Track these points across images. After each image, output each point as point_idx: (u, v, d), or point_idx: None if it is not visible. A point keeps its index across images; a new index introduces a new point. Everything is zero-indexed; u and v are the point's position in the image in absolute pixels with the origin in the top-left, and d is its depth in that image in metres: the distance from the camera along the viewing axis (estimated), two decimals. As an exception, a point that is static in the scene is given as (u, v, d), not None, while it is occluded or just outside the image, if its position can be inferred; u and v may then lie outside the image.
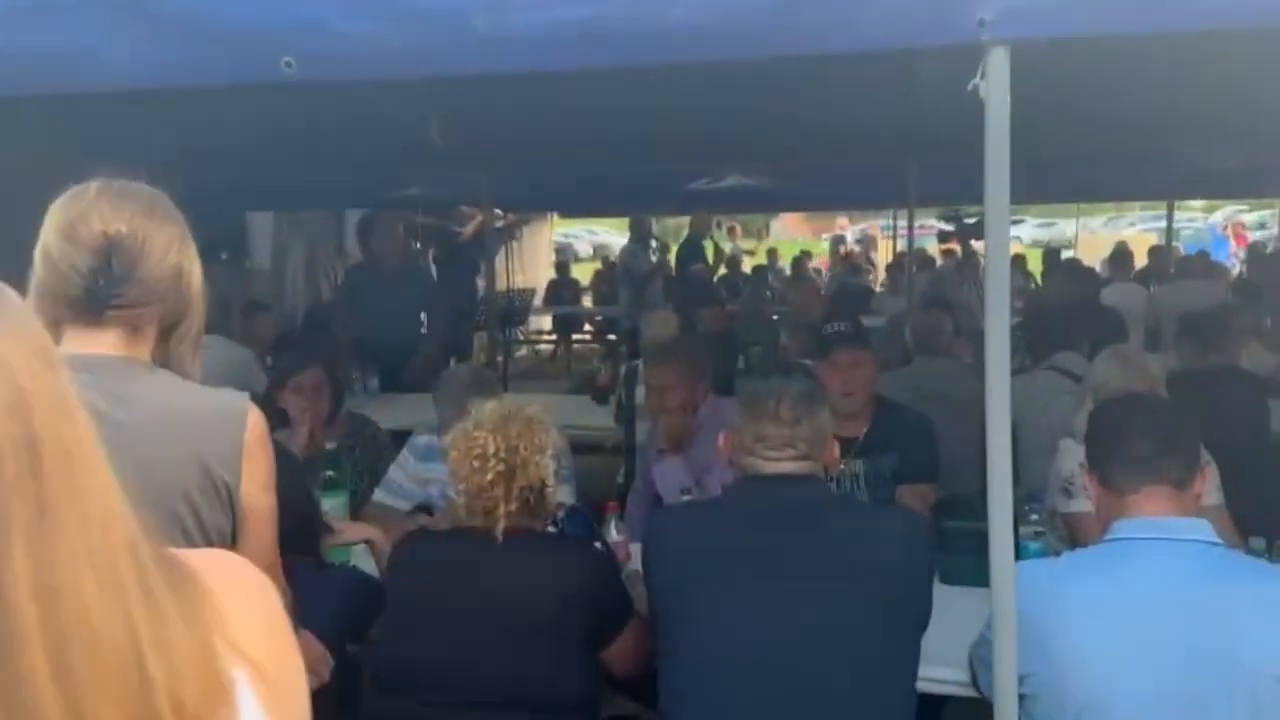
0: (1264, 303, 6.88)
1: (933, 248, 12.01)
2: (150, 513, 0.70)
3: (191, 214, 1.58)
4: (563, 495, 2.99)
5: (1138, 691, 1.80)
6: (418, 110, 4.02)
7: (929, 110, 1.84)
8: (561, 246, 20.73)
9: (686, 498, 2.98)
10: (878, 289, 11.80)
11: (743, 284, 11.71)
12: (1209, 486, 3.06)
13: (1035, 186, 9.73)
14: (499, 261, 11.41)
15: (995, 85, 1.59)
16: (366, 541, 2.65)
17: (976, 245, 8.81)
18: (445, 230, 9.35)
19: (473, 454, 2.14)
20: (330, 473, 3.00)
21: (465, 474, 2.15)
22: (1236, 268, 11.93)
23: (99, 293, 1.45)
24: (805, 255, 14.55)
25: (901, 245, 9.69)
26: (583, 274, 15.74)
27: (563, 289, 13.62)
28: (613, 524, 2.83)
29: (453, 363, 6.26)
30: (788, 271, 13.58)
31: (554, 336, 13.37)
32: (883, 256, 15.13)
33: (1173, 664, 1.79)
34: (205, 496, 1.48)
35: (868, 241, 17.90)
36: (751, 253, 15.11)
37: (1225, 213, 21.09)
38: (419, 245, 9.57)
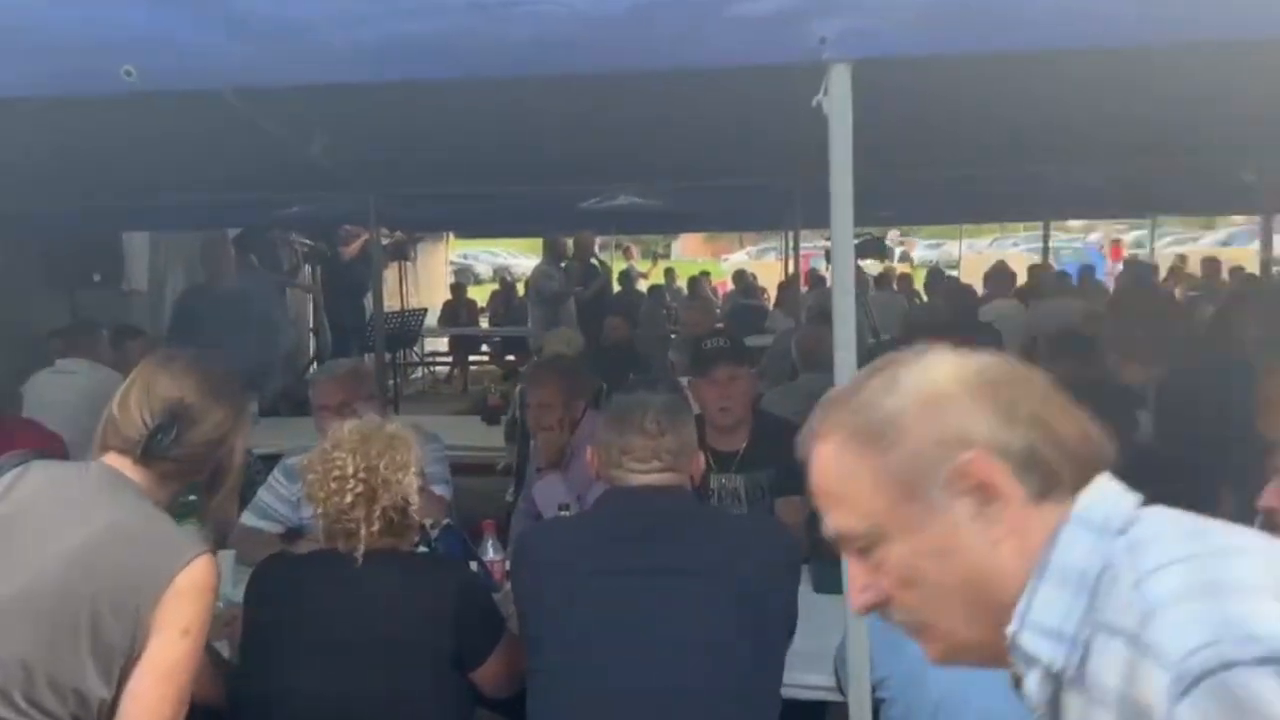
0: (1136, 318, 7.17)
1: (824, 269, 12.26)
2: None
3: (63, 235, 1.56)
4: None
5: (990, 687, 1.84)
6: (298, 126, 3.95)
7: (808, 130, 1.88)
8: (461, 268, 20.54)
9: (566, 514, 2.96)
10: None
11: (640, 303, 11.77)
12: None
13: (920, 208, 10.07)
14: (393, 282, 11.25)
15: (837, 103, 1.63)
16: None
17: (862, 265, 9.05)
18: (326, 250, 9.17)
19: (331, 475, 2.09)
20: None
21: (324, 496, 2.10)
22: (1112, 284, 12.45)
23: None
24: (703, 275, 14.69)
25: (793, 266, 9.86)
26: (481, 295, 15.61)
27: (459, 310, 13.47)
28: (489, 543, 2.80)
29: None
30: (685, 291, 13.70)
31: (450, 358, 13.21)
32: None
33: None
34: (115, 616, 1.58)
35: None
36: (645, 275, 15.16)
37: (1103, 232, 22.10)
38: (307, 265, 9.37)
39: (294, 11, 1.60)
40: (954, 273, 13.24)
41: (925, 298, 10.98)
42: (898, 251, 13.27)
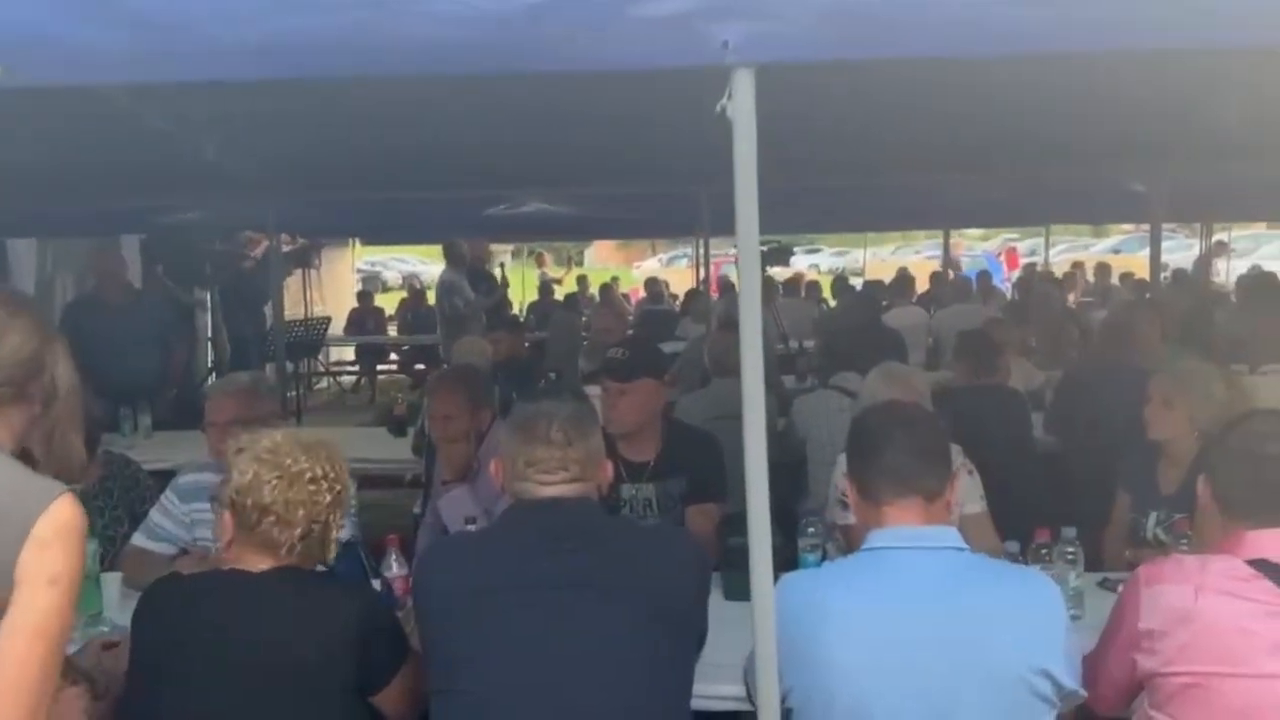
0: (1031, 323, 7.41)
1: (735, 275, 12.37)
2: None
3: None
4: (343, 532, 2.85)
5: (895, 698, 1.85)
6: (191, 127, 3.80)
7: (716, 137, 1.87)
8: (368, 275, 20.18)
9: (472, 527, 2.90)
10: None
11: (554, 311, 11.71)
12: (974, 494, 3.27)
13: (826, 216, 10.24)
14: (295, 290, 10.97)
15: (742, 107, 1.62)
16: None
17: (771, 271, 9.14)
18: (225, 257, 8.90)
19: (304, 477, 2.04)
20: None
21: (301, 499, 2.03)
22: (1009, 291, 12.84)
23: None
24: (614, 282, 14.72)
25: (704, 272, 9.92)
26: (389, 302, 15.35)
27: (366, 318, 13.22)
28: (393, 558, 2.72)
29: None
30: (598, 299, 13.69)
31: (356, 367, 12.94)
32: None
33: (928, 669, 1.85)
34: None
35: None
36: (559, 282, 15.12)
37: (999, 240, 22.82)
38: (209, 271, 9.07)
39: (179, 3, 1.51)
40: (859, 280, 13.49)
41: (832, 304, 11.17)
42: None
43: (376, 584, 2.66)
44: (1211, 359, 4.33)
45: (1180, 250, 15.01)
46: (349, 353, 13.21)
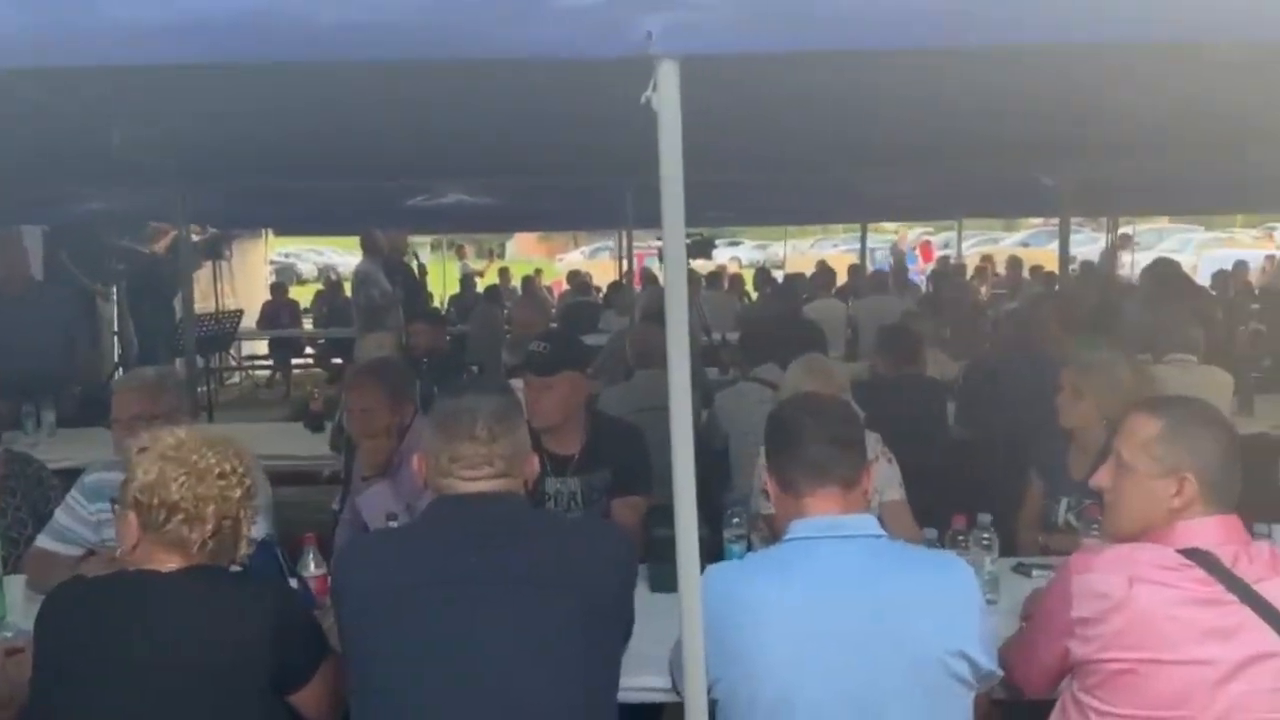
0: (945, 315, 7.59)
1: (657, 268, 12.41)
2: None
3: None
4: (257, 529, 2.78)
5: (819, 687, 1.88)
6: (96, 113, 3.65)
7: (640, 128, 1.86)
8: (282, 267, 19.73)
9: (394, 524, 2.85)
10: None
11: (475, 304, 11.59)
12: (893, 482, 3.33)
13: (748, 209, 10.34)
14: (205, 282, 10.66)
15: (666, 99, 1.61)
16: None
17: (693, 264, 9.19)
18: (131, 249, 8.59)
19: (212, 471, 1.99)
20: None
21: (212, 495, 1.98)
22: (923, 284, 13.12)
23: None
24: (536, 274, 14.63)
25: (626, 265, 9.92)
26: (304, 295, 15.01)
27: (280, 311, 12.90)
28: (310, 557, 2.66)
29: None
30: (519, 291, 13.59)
31: (270, 362, 12.64)
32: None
33: (849, 656, 1.88)
34: None
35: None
36: (481, 274, 14.96)
37: (915, 233, 23.30)
38: (114, 263, 8.75)
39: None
40: (780, 273, 13.64)
41: (754, 297, 11.28)
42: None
43: (293, 583, 2.60)
44: (1117, 349, 4.49)
45: (1087, 243, 15.49)
46: (262, 347, 12.88)
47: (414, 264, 10.32)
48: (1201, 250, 19.08)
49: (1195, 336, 5.33)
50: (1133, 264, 13.49)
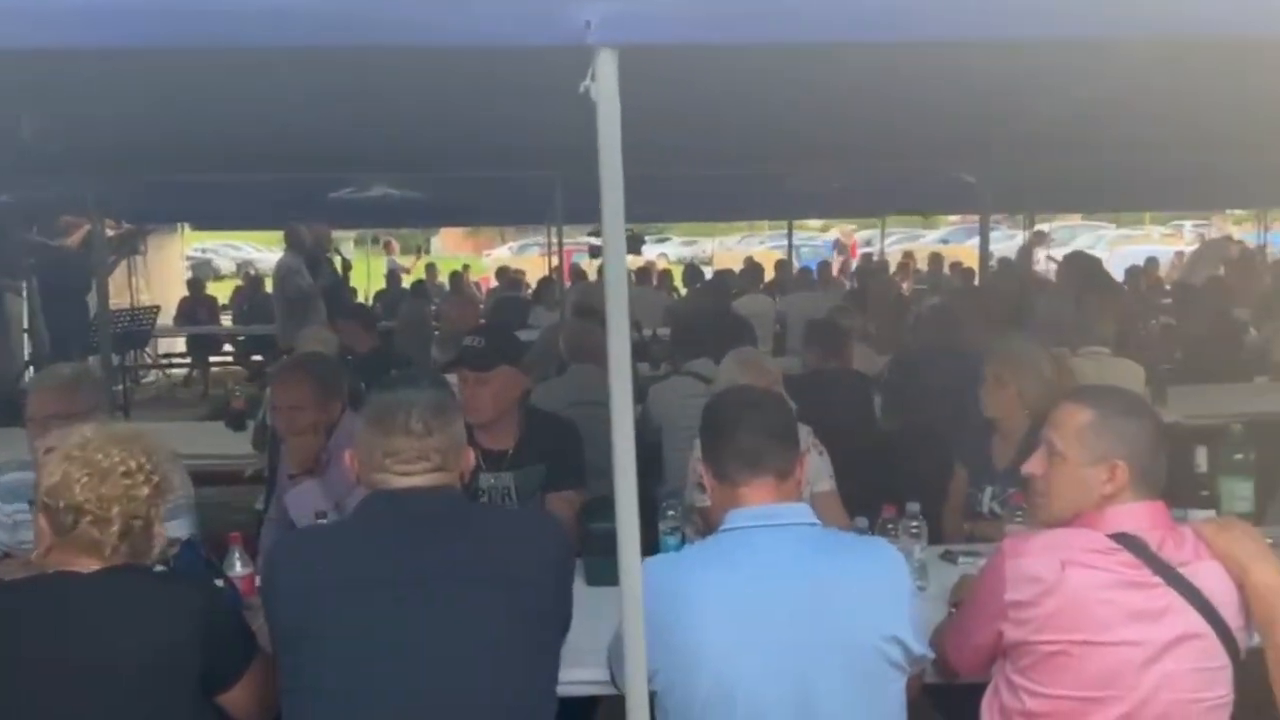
0: (870, 310, 7.72)
1: (586, 263, 12.40)
2: None
3: None
4: (180, 529, 2.71)
5: (757, 674, 1.90)
6: (1, 101, 3.50)
7: (572, 121, 1.85)
8: (199, 262, 19.25)
9: (323, 522, 2.79)
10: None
11: (402, 300, 11.43)
12: (823, 473, 3.38)
13: (677, 205, 10.38)
14: (120, 278, 10.34)
15: (605, 89, 1.61)
16: None
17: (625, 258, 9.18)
18: (42, 243, 8.28)
19: (116, 470, 1.92)
20: None
21: (116, 495, 1.91)
22: (849, 279, 13.33)
23: None
24: (465, 270, 14.48)
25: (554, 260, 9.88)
26: (222, 291, 14.64)
27: (197, 308, 12.57)
28: (236, 556, 2.60)
29: None
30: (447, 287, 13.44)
31: (188, 359, 12.31)
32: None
33: (787, 642, 1.90)
34: None
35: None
36: (408, 270, 14.75)
37: (840, 230, 23.63)
38: (27, 259, 8.42)
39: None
40: (709, 268, 13.72)
41: (683, 292, 11.32)
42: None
43: (219, 583, 2.54)
44: (1036, 342, 4.62)
45: (1003, 240, 15.89)
46: (179, 344, 12.54)
47: (337, 260, 10.13)
48: (1113, 246, 19.71)
49: (1108, 330, 5.52)
50: (1047, 260, 13.88)
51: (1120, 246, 19.63)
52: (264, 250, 22.28)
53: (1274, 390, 5.19)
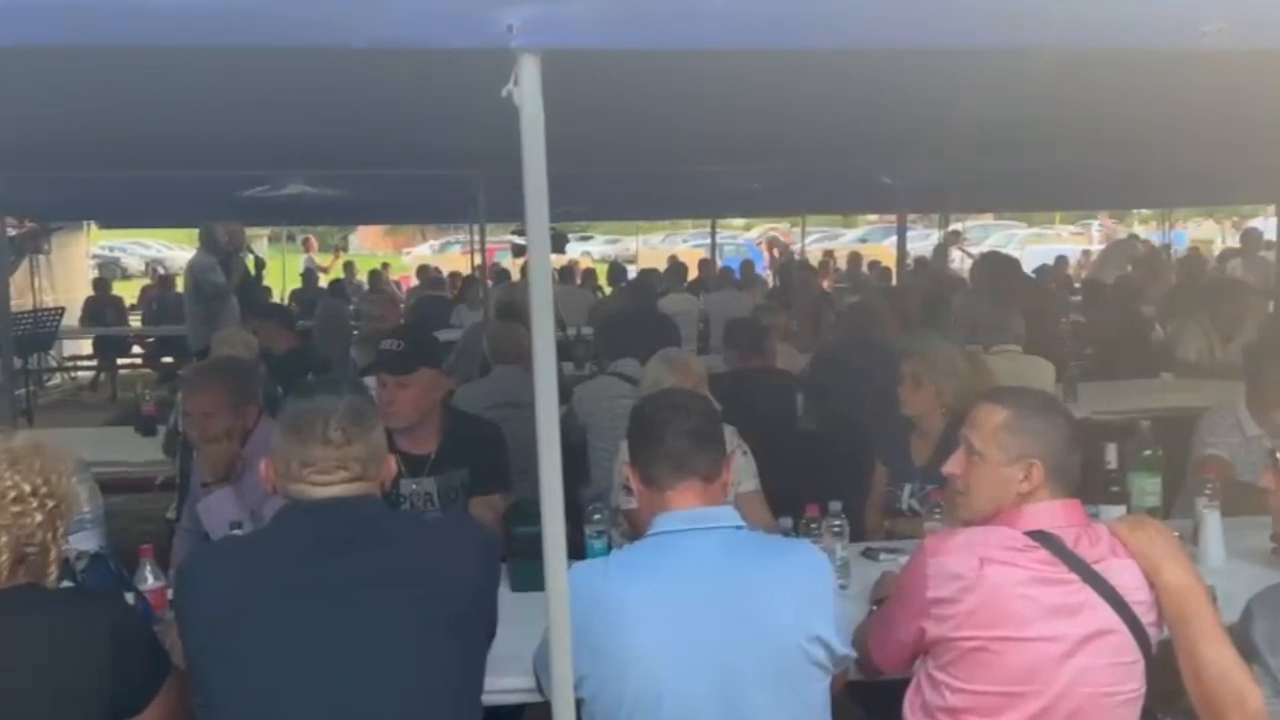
0: (792, 309, 7.81)
1: (508, 261, 12.30)
2: None
3: None
4: (88, 541, 2.61)
5: (682, 676, 1.90)
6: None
7: (494, 121, 1.82)
8: (105, 261, 18.63)
9: (239, 532, 2.72)
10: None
11: (319, 299, 11.20)
12: (748, 474, 3.41)
13: (600, 204, 10.37)
14: (22, 278, 9.94)
15: (528, 93, 1.59)
16: None
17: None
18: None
19: (7, 497, 1.80)
20: None
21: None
22: (770, 278, 13.48)
23: None
24: (383, 269, 14.26)
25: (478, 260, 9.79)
26: (130, 291, 14.19)
27: (104, 308, 12.14)
28: (147, 569, 2.51)
29: None
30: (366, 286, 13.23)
31: (95, 362, 11.89)
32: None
33: (709, 645, 1.91)
34: None
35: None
36: (326, 270, 14.46)
37: (761, 229, 23.89)
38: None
39: None
40: (633, 267, 13.75)
41: (608, 291, 11.32)
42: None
43: (130, 597, 2.45)
44: (951, 340, 4.72)
45: (919, 239, 16.23)
46: (85, 346, 12.11)
47: (251, 258, 9.87)
48: (1024, 245, 20.29)
49: (1020, 328, 5.67)
50: (962, 259, 14.23)
51: (1031, 245, 20.20)
52: (174, 248, 21.66)
53: (1179, 387, 5.38)
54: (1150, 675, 2.00)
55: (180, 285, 11.00)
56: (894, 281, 9.23)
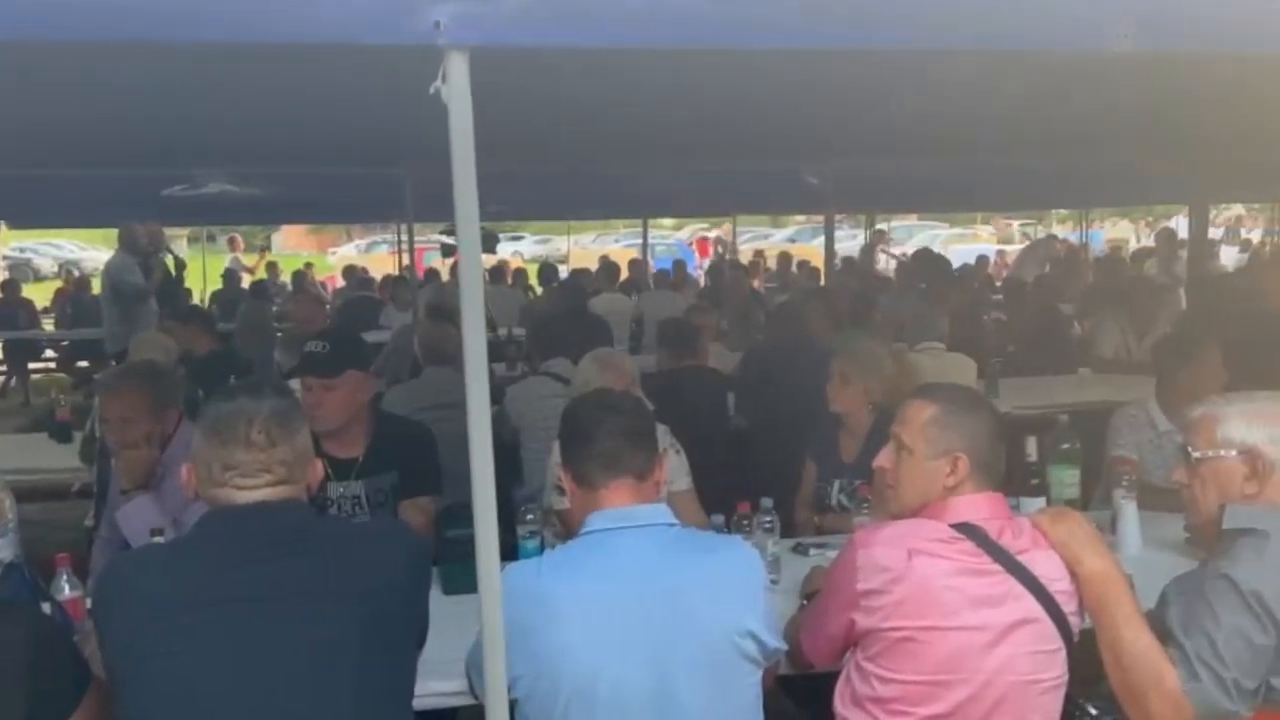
0: (723, 308, 7.87)
1: (437, 261, 12.18)
2: None
3: None
4: (2, 551, 2.52)
5: (616, 674, 1.91)
6: None
7: (422, 119, 1.80)
8: (16, 262, 18.03)
9: (159, 539, 2.64)
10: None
11: (241, 300, 10.95)
12: (680, 473, 3.42)
13: (530, 204, 10.33)
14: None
15: (456, 91, 1.57)
16: None
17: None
18: None
19: None
20: None
21: None
22: (701, 278, 13.55)
23: None
24: (308, 269, 14.00)
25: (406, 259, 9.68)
26: (42, 294, 13.73)
27: (15, 311, 11.73)
28: (64, 579, 2.43)
29: None
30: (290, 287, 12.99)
31: (4, 367, 11.47)
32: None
33: (643, 642, 1.92)
34: None
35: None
36: (251, 271, 14.14)
37: (691, 229, 24.02)
38: None
39: None
40: (564, 268, 13.71)
41: (539, 291, 11.27)
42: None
43: (46, 607, 2.37)
44: (876, 338, 4.80)
45: (846, 239, 16.48)
46: (-6, 350, 11.68)
47: (170, 259, 9.61)
48: (947, 245, 20.74)
49: (944, 326, 5.79)
50: (888, 259, 14.48)
51: (953, 245, 20.64)
52: (88, 249, 21.01)
53: (1096, 382, 5.55)
54: (1072, 662, 2.05)
55: (97, 287, 10.67)
56: (823, 281, 9.36)
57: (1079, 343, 6.83)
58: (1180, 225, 12.46)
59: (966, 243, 22.22)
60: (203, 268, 12.58)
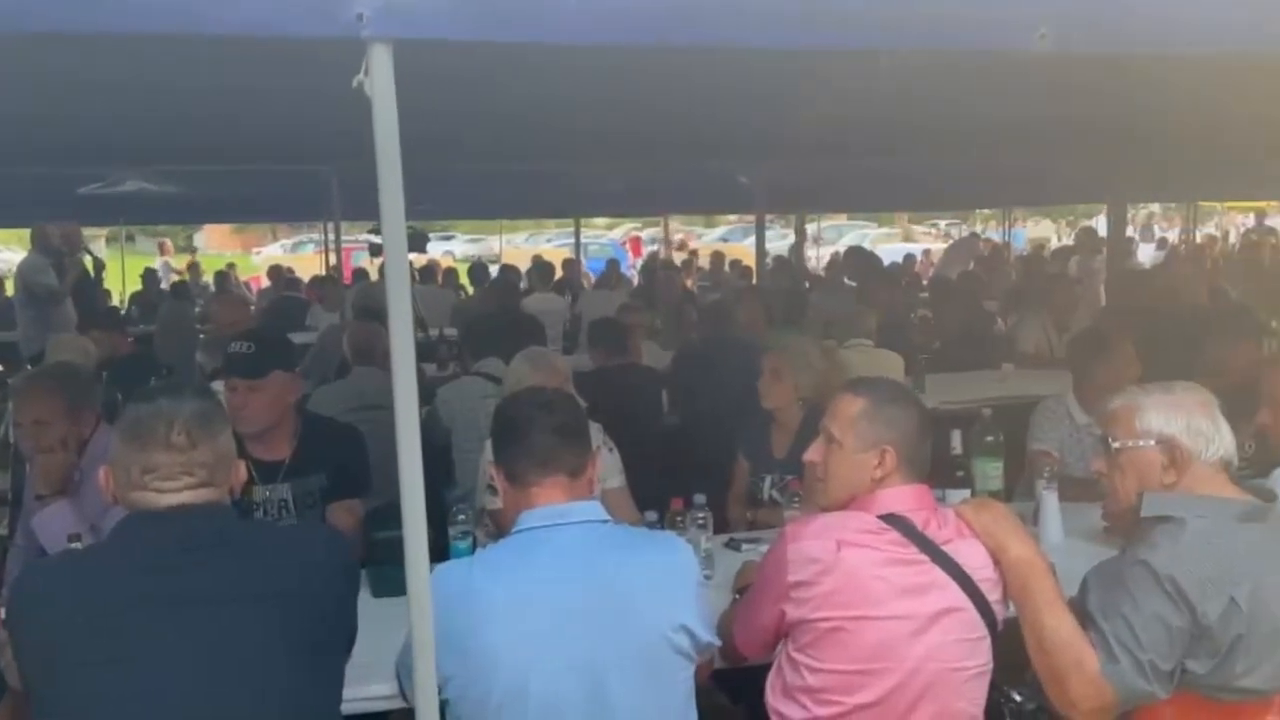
0: (656, 307, 7.89)
1: (366, 261, 11.99)
2: None
3: None
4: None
5: (549, 671, 1.90)
6: None
7: (348, 115, 1.76)
8: (-77, 262, 17.31)
9: (77, 546, 2.56)
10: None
11: (161, 301, 10.66)
12: (614, 470, 3.42)
13: (459, 202, 10.23)
14: None
15: (380, 84, 1.55)
16: None
17: (410, 257, 8.95)
18: None
19: None
20: None
21: None
22: (634, 278, 13.56)
23: None
24: (230, 269, 13.69)
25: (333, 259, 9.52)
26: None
27: (-78, 312, 11.26)
28: (-27, 591, 2.34)
29: None
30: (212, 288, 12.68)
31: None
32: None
33: (576, 639, 1.92)
34: None
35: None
36: (180, 272, 13.78)
37: (624, 229, 24.04)
38: None
39: None
40: (495, 267, 13.62)
41: (470, 291, 11.17)
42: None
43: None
44: (807, 335, 4.86)
45: (777, 239, 16.64)
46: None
47: (88, 260, 9.32)
48: (875, 244, 21.07)
49: (872, 323, 5.88)
50: (818, 257, 14.67)
51: (881, 244, 20.98)
52: (2, 250, 20.28)
53: (1019, 376, 5.67)
54: (998, 651, 2.10)
55: (9, 288, 10.30)
56: (754, 280, 9.44)
57: (1002, 339, 6.98)
58: (1100, 224, 12.82)
59: (894, 241, 22.61)
60: (121, 269, 12.21)
